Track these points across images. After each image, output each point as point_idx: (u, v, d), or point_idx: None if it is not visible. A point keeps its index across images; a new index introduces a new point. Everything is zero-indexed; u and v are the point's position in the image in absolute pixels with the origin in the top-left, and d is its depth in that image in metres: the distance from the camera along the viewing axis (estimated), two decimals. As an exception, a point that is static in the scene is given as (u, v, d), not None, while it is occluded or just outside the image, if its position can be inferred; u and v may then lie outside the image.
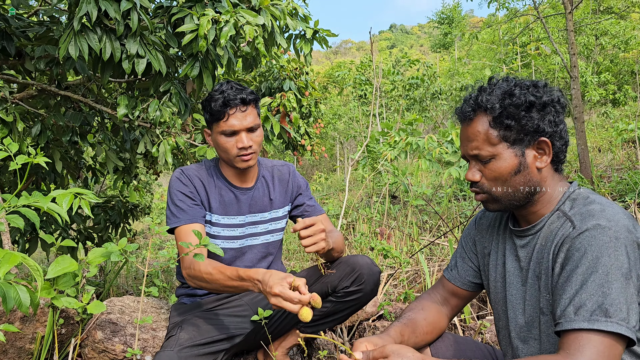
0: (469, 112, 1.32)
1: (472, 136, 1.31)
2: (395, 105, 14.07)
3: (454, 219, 5.47)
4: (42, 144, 2.83)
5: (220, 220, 1.98)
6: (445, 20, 30.32)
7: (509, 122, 1.25)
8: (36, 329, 1.90)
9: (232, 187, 2.01)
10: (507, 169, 1.28)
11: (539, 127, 1.26)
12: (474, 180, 1.33)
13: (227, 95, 1.84)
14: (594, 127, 13.40)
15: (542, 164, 1.29)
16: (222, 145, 1.89)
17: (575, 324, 1.10)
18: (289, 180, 2.11)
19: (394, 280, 3.23)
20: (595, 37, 17.53)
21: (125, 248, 1.60)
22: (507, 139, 1.27)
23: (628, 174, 5.67)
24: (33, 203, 1.60)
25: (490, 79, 1.37)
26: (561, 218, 1.27)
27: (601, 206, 1.21)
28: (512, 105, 1.25)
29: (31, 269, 1.52)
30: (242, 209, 2.01)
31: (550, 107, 1.27)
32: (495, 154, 1.28)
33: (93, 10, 2.16)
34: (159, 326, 2.07)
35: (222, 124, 1.86)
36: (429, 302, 1.58)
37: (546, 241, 1.28)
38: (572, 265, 1.16)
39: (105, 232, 4.16)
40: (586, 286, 1.12)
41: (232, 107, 1.84)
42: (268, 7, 2.77)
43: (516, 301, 1.37)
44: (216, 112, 1.84)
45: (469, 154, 1.33)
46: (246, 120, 1.87)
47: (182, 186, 1.92)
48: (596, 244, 1.14)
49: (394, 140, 6.60)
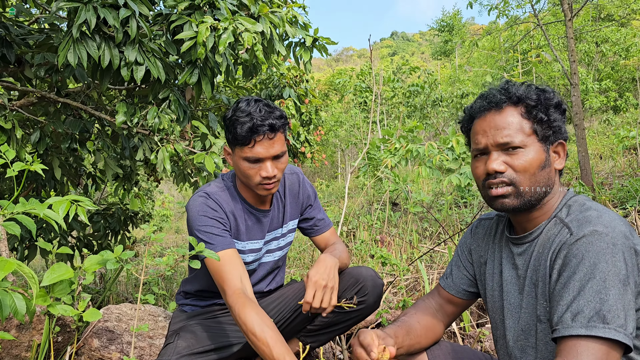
0: (501, 99, 1.30)
1: (503, 124, 1.28)
2: (396, 112, 14.09)
3: (454, 226, 5.46)
4: (41, 151, 2.84)
5: (246, 247, 1.89)
6: (446, 28, 30.43)
7: (542, 116, 1.27)
8: (32, 337, 1.89)
9: (253, 209, 1.88)
10: (536, 162, 1.27)
11: (561, 129, 1.30)
12: (500, 170, 1.27)
13: (255, 120, 1.65)
14: (595, 134, 13.40)
15: (559, 166, 1.32)
16: (244, 172, 1.73)
17: (572, 330, 1.10)
18: (299, 191, 2.01)
19: (393, 288, 3.21)
20: (596, 45, 17.56)
21: (121, 256, 1.59)
22: (537, 133, 1.28)
23: (629, 181, 5.66)
24: (30, 210, 1.60)
25: (507, 82, 1.37)
26: (558, 225, 1.27)
27: (597, 212, 1.21)
28: (547, 100, 1.29)
29: (26, 277, 1.51)
30: (263, 232, 1.92)
31: (565, 117, 1.32)
32: (527, 144, 1.27)
33: (92, 18, 2.17)
34: (156, 334, 2.06)
35: (247, 150, 1.68)
36: (423, 308, 1.58)
37: (543, 248, 1.28)
38: (569, 271, 1.15)
39: (104, 239, 4.16)
40: (584, 292, 1.11)
41: (260, 134, 1.66)
42: (267, 14, 2.78)
43: (514, 310, 1.37)
44: (241, 137, 1.66)
45: (497, 141, 1.28)
46: (273, 149, 1.69)
47: (211, 211, 1.76)
48: (593, 250, 1.13)
49: (394, 147, 6.60)
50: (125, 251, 1.67)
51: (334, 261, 1.77)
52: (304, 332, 2.03)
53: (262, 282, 2.02)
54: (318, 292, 1.66)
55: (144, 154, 2.86)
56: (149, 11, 2.40)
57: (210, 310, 1.97)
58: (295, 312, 1.96)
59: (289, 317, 1.97)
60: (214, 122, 3.29)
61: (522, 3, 8.38)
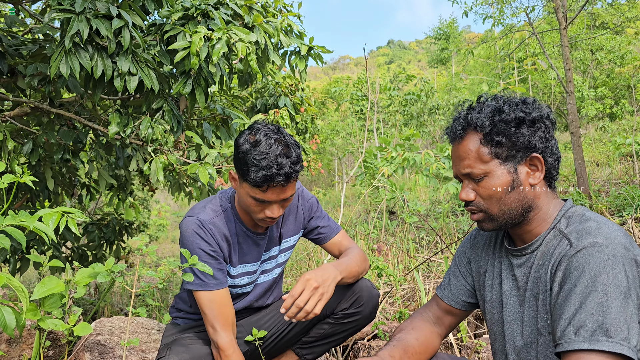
0: (459, 130, 1.31)
1: (463, 155, 1.29)
2: (393, 120, 14.11)
3: (451, 234, 5.44)
4: (34, 161, 2.81)
5: (240, 270, 1.84)
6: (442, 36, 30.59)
7: (500, 138, 1.25)
8: (22, 351, 1.86)
9: (250, 232, 1.82)
10: (502, 186, 1.26)
11: (530, 143, 1.25)
12: (469, 199, 1.31)
13: (273, 170, 1.55)
14: (592, 141, 13.44)
15: (535, 180, 1.28)
16: (249, 207, 1.66)
17: (575, 344, 1.08)
18: (298, 206, 1.93)
19: (389, 299, 3.19)
20: (591, 52, 17.65)
21: (113, 268, 1.57)
22: (499, 156, 1.26)
23: (625, 189, 5.66)
24: (19, 222, 1.58)
25: (479, 98, 1.36)
26: (557, 236, 1.25)
27: (597, 224, 1.19)
28: (502, 122, 1.25)
29: (16, 290, 1.49)
30: (260, 254, 1.88)
31: (540, 123, 1.27)
32: (488, 171, 1.27)
33: (84, 29, 2.16)
34: (149, 347, 2.04)
35: (258, 192, 1.60)
36: (420, 322, 1.55)
37: (543, 260, 1.26)
38: (570, 284, 1.14)
39: (99, 249, 4.13)
40: (585, 305, 1.10)
41: (274, 183, 1.58)
42: (261, 24, 2.78)
43: (514, 322, 1.35)
44: (253, 181, 1.57)
45: (461, 172, 1.31)
46: (284, 194, 1.63)
47: (204, 244, 1.70)
48: (594, 262, 1.12)
49: (391, 156, 6.60)
50: (117, 263, 1.65)
51: (335, 273, 1.67)
52: (299, 344, 2.00)
53: (260, 299, 1.98)
54: (307, 291, 1.55)
55: (137, 165, 2.84)
56: (142, 21, 2.40)
57: (204, 324, 1.94)
58: (291, 324, 1.94)
59: (284, 329, 1.94)
60: (208, 132, 3.27)
61: (517, 12, 8.43)
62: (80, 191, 4.05)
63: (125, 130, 2.59)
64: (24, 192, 3.55)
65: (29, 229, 1.60)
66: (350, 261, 1.82)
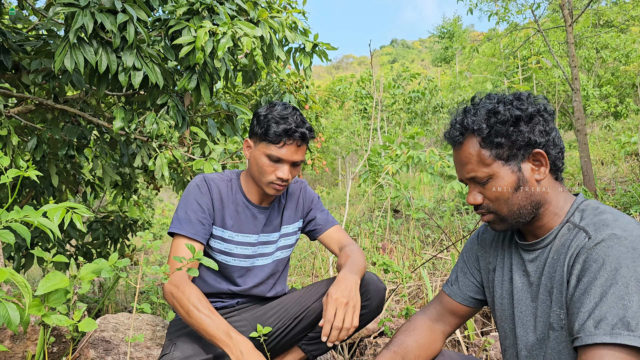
0: (457, 136, 1.30)
1: (465, 160, 1.29)
2: (397, 118, 14.08)
3: (456, 232, 5.41)
4: (38, 157, 2.80)
5: (234, 238, 1.90)
6: (446, 35, 30.53)
7: (499, 139, 1.24)
8: (27, 348, 1.84)
9: (250, 204, 1.92)
10: (508, 187, 1.25)
11: (531, 140, 1.24)
12: (476, 203, 1.31)
13: (292, 125, 1.74)
14: (597, 140, 13.38)
15: (541, 176, 1.26)
16: (262, 167, 1.79)
17: (596, 338, 1.06)
18: (299, 196, 2.04)
19: (395, 296, 3.17)
20: (596, 51, 17.57)
21: (116, 264, 1.55)
22: (501, 157, 1.25)
23: (632, 187, 5.62)
24: (24, 218, 1.56)
25: (472, 99, 1.35)
26: (572, 230, 1.23)
27: (613, 216, 1.18)
28: (499, 123, 1.24)
29: (19, 286, 1.47)
30: (257, 227, 1.94)
31: (538, 117, 1.25)
32: (492, 173, 1.26)
33: (89, 23, 2.14)
34: (154, 344, 2.02)
35: (273, 149, 1.75)
36: (422, 322, 1.53)
37: (558, 254, 1.24)
38: (589, 277, 1.12)
39: (104, 247, 4.12)
40: (606, 299, 1.07)
41: (291, 138, 1.75)
42: (266, 19, 2.76)
43: (526, 318, 1.32)
44: (272, 135, 1.74)
45: (465, 177, 1.31)
46: (297, 155, 1.79)
47: (199, 194, 1.83)
48: (614, 254, 1.10)
49: (395, 154, 6.57)
50: (121, 259, 1.63)
51: (355, 279, 1.70)
52: (305, 340, 1.99)
53: (261, 286, 1.98)
54: (339, 310, 1.58)
55: (142, 161, 2.82)
56: (147, 16, 2.38)
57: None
58: (296, 320, 1.92)
59: (289, 325, 1.92)
60: (213, 129, 3.26)
61: (522, 9, 8.39)
62: (84, 189, 4.04)
63: (129, 126, 2.57)
64: (28, 190, 3.55)
65: (33, 225, 1.58)
66: (358, 260, 1.84)
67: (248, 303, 2.00)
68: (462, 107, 1.34)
